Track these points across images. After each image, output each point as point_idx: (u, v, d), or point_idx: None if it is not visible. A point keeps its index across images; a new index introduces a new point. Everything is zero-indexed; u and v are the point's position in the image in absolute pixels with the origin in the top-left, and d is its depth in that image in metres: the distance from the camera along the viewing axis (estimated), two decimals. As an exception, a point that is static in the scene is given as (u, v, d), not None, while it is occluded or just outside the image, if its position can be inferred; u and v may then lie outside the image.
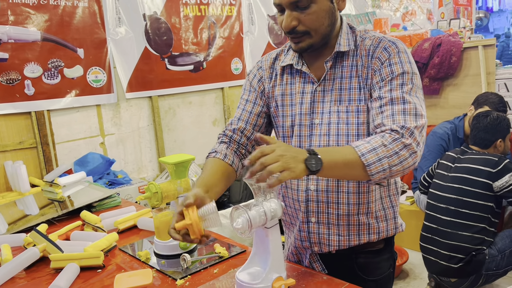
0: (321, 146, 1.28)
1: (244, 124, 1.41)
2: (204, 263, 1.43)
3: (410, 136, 1.10)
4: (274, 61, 1.41)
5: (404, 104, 1.15)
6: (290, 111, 1.34)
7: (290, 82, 1.36)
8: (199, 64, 3.66)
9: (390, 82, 1.19)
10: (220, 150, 1.36)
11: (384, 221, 1.33)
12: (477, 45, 3.30)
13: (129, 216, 1.86)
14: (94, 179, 2.95)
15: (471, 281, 2.27)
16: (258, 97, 1.42)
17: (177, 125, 3.58)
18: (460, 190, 2.28)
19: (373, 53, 1.23)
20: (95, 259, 1.47)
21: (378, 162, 1.07)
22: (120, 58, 3.21)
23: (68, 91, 2.95)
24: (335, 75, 1.28)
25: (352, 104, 1.25)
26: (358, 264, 1.35)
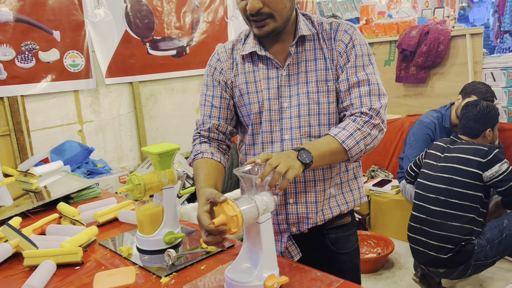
0: (292, 128, 1.33)
1: (217, 120, 1.41)
2: (190, 258, 1.36)
3: (377, 116, 1.26)
4: (232, 51, 1.42)
5: (369, 85, 1.28)
6: (257, 98, 1.36)
7: (253, 70, 1.37)
8: (182, 49, 3.53)
9: (354, 64, 1.30)
10: (205, 150, 1.37)
11: (349, 191, 1.43)
12: (465, 33, 3.28)
13: (110, 209, 1.76)
14: (72, 169, 2.83)
15: (460, 272, 2.27)
16: (223, 90, 1.42)
17: (159, 113, 3.46)
18: (449, 180, 2.26)
19: (335, 36, 1.32)
20: (73, 256, 1.38)
21: (356, 145, 1.23)
22: (99, 42, 3.06)
23: (43, 76, 2.81)
24: (299, 59, 1.34)
25: (320, 84, 1.32)
26: (331, 239, 1.42)
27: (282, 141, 1.35)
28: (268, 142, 1.38)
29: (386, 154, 3.72)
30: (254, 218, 1.09)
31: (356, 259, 1.50)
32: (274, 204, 1.13)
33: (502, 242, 2.21)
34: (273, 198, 1.13)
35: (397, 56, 3.69)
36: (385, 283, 2.78)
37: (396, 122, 3.64)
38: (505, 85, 3.15)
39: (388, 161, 3.73)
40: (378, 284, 2.78)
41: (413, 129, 3.16)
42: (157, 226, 1.43)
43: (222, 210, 1.06)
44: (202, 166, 1.31)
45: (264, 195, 1.11)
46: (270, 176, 1.08)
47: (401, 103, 3.81)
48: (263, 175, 1.06)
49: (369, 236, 3.18)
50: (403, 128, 3.56)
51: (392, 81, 3.78)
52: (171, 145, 1.45)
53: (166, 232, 1.43)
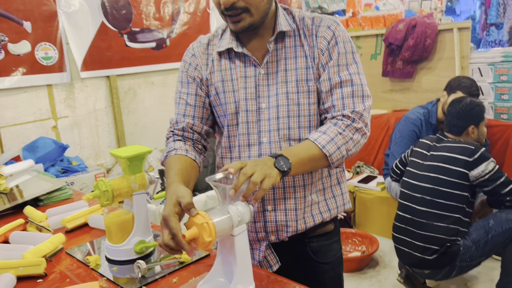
0: (270, 130, 1.26)
1: (191, 119, 1.33)
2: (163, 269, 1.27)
3: (360, 119, 1.20)
4: (208, 46, 1.34)
5: (352, 86, 1.21)
6: (233, 97, 1.28)
7: (230, 67, 1.29)
8: (161, 41, 3.41)
9: (337, 63, 1.22)
10: (179, 147, 1.29)
11: (332, 198, 1.35)
12: (452, 27, 3.22)
13: (79, 213, 1.66)
14: (46, 166, 2.70)
15: (445, 273, 2.22)
16: (198, 87, 1.33)
17: (138, 107, 3.34)
18: (436, 180, 2.20)
19: (317, 32, 1.24)
20: (35, 268, 1.28)
21: (337, 150, 1.16)
22: (74, 34, 2.92)
23: (13, 69, 2.66)
24: (278, 57, 1.26)
25: (300, 84, 1.24)
26: (312, 248, 1.36)
27: (260, 144, 1.27)
28: (245, 145, 1.29)
29: (372, 150, 3.67)
30: (228, 230, 1.00)
31: (339, 268, 1.43)
32: (250, 214, 1.05)
33: (488, 243, 2.17)
34: (248, 208, 1.05)
35: (384, 50, 3.63)
36: (369, 283, 2.74)
37: (382, 118, 3.59)
38: (492, 81, 3.11)
39: (373, 157, 3.68)
40: (362, 283, 2.74)
41: (399, 126, 3.10)
42: (127, 234, 1.34)
43: (193, 222, 0.98)
44: (175, 162, 1.22)
45: (239, 205, 1.03)
46: (245, 185, 1.00)
47: (387, 98, 3.75)
48: (237, 185, 0.98)
49: (353, 234, 3.13)
50: (389, 124, 3.51)
51: (379, 75, 3.71)
52: (141, 147, 1.35)
53: (137, 241, 1.33)
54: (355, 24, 4.01)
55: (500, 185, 2.13)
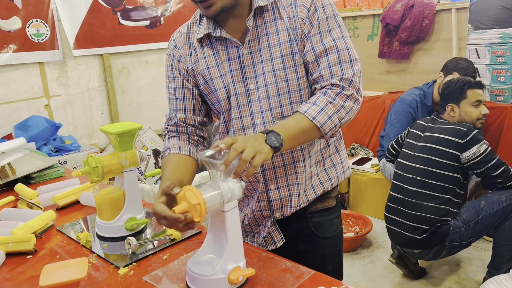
0: (262, 111, 1.24)
1: (183, 113, 1.31)
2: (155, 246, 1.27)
3: (349, 86, 1.16)
4: (188, 35, 1.31)
5: (338, 52, 1.18)
6: (222, 83, 1.25)
7: (213, 53, 1.26)
8: (156, 20, 3.35)
9: (319, 30, 1.19)
10: (172, 145, 1.28)
11: (332, 167, 1.35)
12: (450, 7, 3.17)
13: (71, 191, 1.65)
14: (38, 145, 2.68)
15: (434, 252, 2.24)
16: (184, 79, 1.30)
17: (132, 87, 3.30)
18: (427, 160, 2.20)
19: (296, 1, 1.21)
20: (24, 244, 1.27)
21: (329, 120, 1.13)
22: (66, 10, 2.86)
23: (4, 46, 2.61)
24: (259, 34, 1.22)
25: (286, 59, 1.21)
26: (314, 223, 1.36)
27: (254, 126, 1.25)
28: (239, 129, 1.28)
29: (367, 132, 3.66)
30: (219, 206, 1.00)
31: (339, 243, 1.44)
32: (242, 190, 1.04)
33: (478, 224, 2.18)
34: (240, 184, 1.04)
35: (381, 31, 3.58)
36: (362, 263, 2.76)
37: (378, 99, 3.56)
38: (489, 62, 3.08)
39: (368, 139, 3.67)
40: (355, 263, 2.76)
41: (394, 107, 3.08)
42: (117, 211, 1.33)
43: (184, 198, 0.97)
44: (168, 163, 1.22)
45: (230, 181, 1.02)
46: (236, 162, 0.98)
47: (383, 80, 3.72)
48: (227, 161, 0.96)
49: (347, 215, 3.14)
50: (385, 106, 3.49)
51: (375, 56, 3.68)
52: (132, 124, 1.34)
53: (128, 218, 1.33)
54: (352, 4, 3.96)
55: (491, 167, 2.13)
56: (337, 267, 1.45)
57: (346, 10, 3.97)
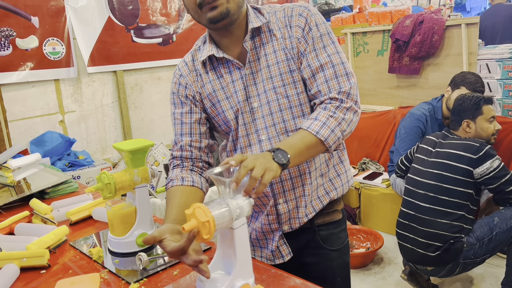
0: (266, 127, 1.28)
1: (188, 137, 1.32)
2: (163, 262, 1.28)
3: (348, 98, 1.19)
4: (193, 63, 1.35)
5: (333, 67, 1.21)
6: (229, 104, 1.30)
7: (217, 77, 1.31)
8: (168, 37, 3.41)
9: (314, 47, 1.23)
10: (175, 176, 1.27)
11: (337, 176, 1.38)
12: (460, 23, 3.18)
13: (83, 206, 1.68)
14: (53, 160, 2.73)
15: (448, 270, 2.21)
16: (192, 105, 1.33)
17: (144, 102, 3.36)
18: (439, 176, 2.19)
19: (291, 23, 1.26)
20: (38, 259, 1.30)
21: (332, 133, 1.15)
22: (81, 29, 2.94)
23: (21, 64, 2.69)
24: (258, 55, 1.27)
25: (285, 76, 1.25)
26: (321, 236, 1.38)
27: (260, 142, 1.29)
28: (246, 145, 1.31)
29: (378, 146, 3.65)
30: (228, 223, 1.01)
31: (346, 256, 1.46)
32: (250, 207, 1.05)
33: (492, 240, 2.16)
34: (248, 201, 1.05)
35: (390, 46, 3.60)
36: (373, 279, 2.73)
37: (388, 114, 3.56)
38: (500, 77, 3.07)
39: (379, 153, 3.66)
40: (366, 279, 2.73)
41: (403, 122, 3.08)
42: (129, 227, 1.35)
43: (193, 215, 0.98)
44: (171, 197, 1.23)
45: (239, 198, 1.03)
46: (246, 179, 1.00)
47: (393, 95, 3.73)
48: (238, 178, 0.98)
49: (358, 230, 3.12)
50: (395, 120, 3.49)
51: (385, 71, 3.69)
52: (144, 141, 1.36)
53: (139, 233, 1.35)
54: (362, 20, 3.99)
55: (505, 182, 2.11)
56: (345, 280, 1.47)
57: (356, 26, 4.01)
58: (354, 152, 3.70)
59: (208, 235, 0.96)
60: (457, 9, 9.64)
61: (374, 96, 3.76)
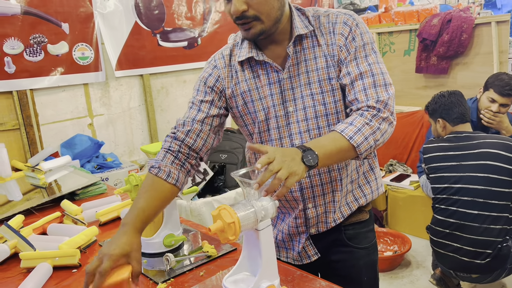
0: (301, 132, 1.27)
1: (199, 125, 1.28)
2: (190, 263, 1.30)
3: (385, 108, 1.17)
4: (230, 57, 1.33)
5: (372, 76, 1.20)
6: (261, 105, 1.29)
7: (253, 76, 1.29)
8: (193, 40, 3.46)
9: (355, 56, 1.22)
10: (164, 166, 1.23)
11: (367, 184, 1.37)
12: (490, 21, 3.09)
13: (112, 207, 1.72)
14: (82, 163, 2.80)
15: (494, 276, 2.12)
16: (216, 98, 1.31)
17: (170, 105, 3.41)
18: (487, 180, 2.07)
19: (334, 29, 1.24)
20: (70, 258, 1.34)
21: (365, 141, 1.13)
22: (109, 34, 3.01)
23: (52, 69, 2.77)
24: (298, 59, 1.26)
25: (323, 83, 1.24)
26: (348, 235, 1.37)
27: (293, 146, 1.27)
28: None
29: (405, 147, 3.59)
30: (253, 224, 1.01)
31: (374, 255, 1.44)
32: (275, 209, 1.06)
33: None
34: (273, 203, 1.05)
35: (417, 46, 3.53)
36: (401, 283, 2.69)
37: (415, 115, 3.50)
38: (532, 76, 2.97)
39: (407, 155, 3.60)
40: (393, 283, 2.69)
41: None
42: (156, 228, 1.37)
43: (219, 216, 0.99)
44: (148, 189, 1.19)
45: (264, 200, 1.04)
46: (270, 180, 1.00)
47: (421, 95, 3.65)
48: (262, 181, 0.97)
49: (385, 233, 3.07)
50: (423, 121, 3.42)
51: (412, 71, 3.62)
52: (170, 143, 1.38)
53: (166, 234, 1.37)
54: (388, 20, 3.93)
55: None
56: (372, 281, 1.44)
57: (382, 26, 3.95)
58: (381, 154, 3.65)
59: (234, 236, 0.97)
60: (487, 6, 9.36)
61: (401, 96, 3.70)
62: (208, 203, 2.68)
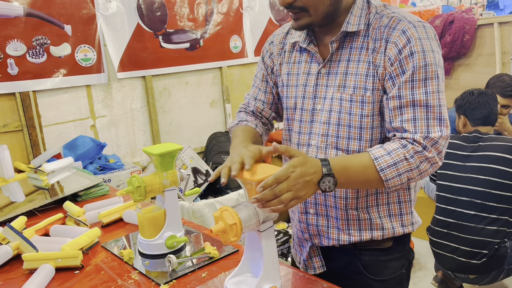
0: (319, 134, 1.19)
1: (261, 104, 1.37)
2: (192, 264, 1.30)
3: (432, 147, 1.03)
4: (286, 35, 1.31)
5: (427, 107, 1.04)
6: (294, 92, 1.26)
7: (298, 61, 1.26)
8: (195, 42, 3.46)
9: (411, 77, 1.05)
10: (251, 120, 1.35)
11: (387, 216, 1.20)
12: (492, 22, 3.09)
13: (114, 209, 1.72)
14: (85, 164, 2.81)
15: (492, 277, 2.12)
16: (268, 74, 1.35)
17: (172, 107, 3.41)
18: (487, 182, 2.08)
19: (389, 36, 1.08)
20: (72, 259, 1.34)
21: (397, 177, 1.03)
22: (111, 35, 3.02)
23: (55, 71, 2.78)
24: (341, 57, 1.15)
25: (357, 92, 1.12)
26: (362, 261, 1.23)
27: (309, 145, 1.22)
28: (295, 143, 1.27)
29: (407, 149, 3.58)
30: (255, 226, 1.02)
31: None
32: (277, 211, 1.05)
33: None
34: (275, 204, 1.05)
35: (419, 47, 3.53)
36: (403, 284, 2.68)
37: (417, 116, 3.49)
38: (535, 77, 2.96)
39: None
40: (396, 285, 2.68)
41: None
42: (158, 229, 1.38)
43: (221, 218, 0.99)
44: (247, 129, 1.28)
45: (266, 201, 1.04)
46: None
47: (423, 96, 3.65)
48: (262, 199, 0.95)
49: (387, 235, 3.06)
50: (425, 122, 3.41)
51: (414, 72, 3.62)
52: (173, 145, 1.39)
53: (168, 235, 1.37)
54: (390, 21, 3.93)
55: None
56: None
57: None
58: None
59: (235, 237, 0.97)
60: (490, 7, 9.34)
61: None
62: (210, 205, 2.68)
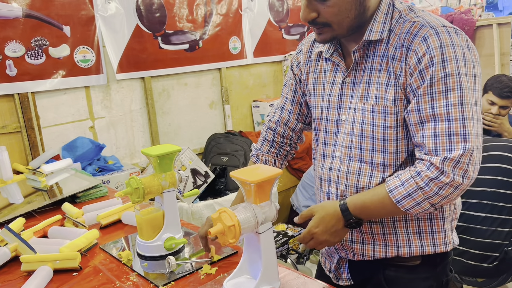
0: (343, 145, 1.18)
1: (287, 115, 1.35)
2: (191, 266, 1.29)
3: (452, 169, 0.96)
4: (313, 43, 1.29)
5: (449, 121, 0.96)
6: (321, 102, 1.24)
7: (324, 70, 1.24)
8: (194, 43, 3.46)
9: (431, 89, 0.98)
10: (261, 155, 1.37)
11: (416, 233, 1.15)
12: (491, 23, 3.10)
13: (113, 210, 1.72)
14: (83, 165, 2.80)
15: (501, 280, 2.11)
16: (296, 84, 1.33)
17: (171, 108, 3.41)
18: (497, 182, 2.06)
19: (410, 43, 1.01)
20: (70, 261, 1.34)
21: (417, 206, 1.02)
22: (110, 37, 3.01)
23: (54, 72, 2.77)
24: (365, 65, 1.11)
25: (379, 102, 1.08)
26: (386, 277, 1.19)
27: (333, 157, 1.20)
28: (321, 154, 1.26)
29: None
30: (253, 227, 1.01)
31: None
32: (275, 212, 1.06)
33: None
34: (274, 206, 1.05)
35: (419, 48, 3.53)
36: (403, 286, 2.67)
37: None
38: (534, 78, 2.96)
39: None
40: (395, 286, 2.67)
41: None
42: (157, 231, 1.37)
43: (219, 219, 0.99)
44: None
45: (265, 202, 1.04)
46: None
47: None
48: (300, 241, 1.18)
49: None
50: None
51: (413, 74, 3.62)
52: (172, 146, 1.38)
53: (167, 237, 1.37)
54: (389, 22, 3.93)
55: None
56: None
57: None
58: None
59: (234, 239, 0.97)
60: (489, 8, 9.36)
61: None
62: (209, 206, 2.68)
